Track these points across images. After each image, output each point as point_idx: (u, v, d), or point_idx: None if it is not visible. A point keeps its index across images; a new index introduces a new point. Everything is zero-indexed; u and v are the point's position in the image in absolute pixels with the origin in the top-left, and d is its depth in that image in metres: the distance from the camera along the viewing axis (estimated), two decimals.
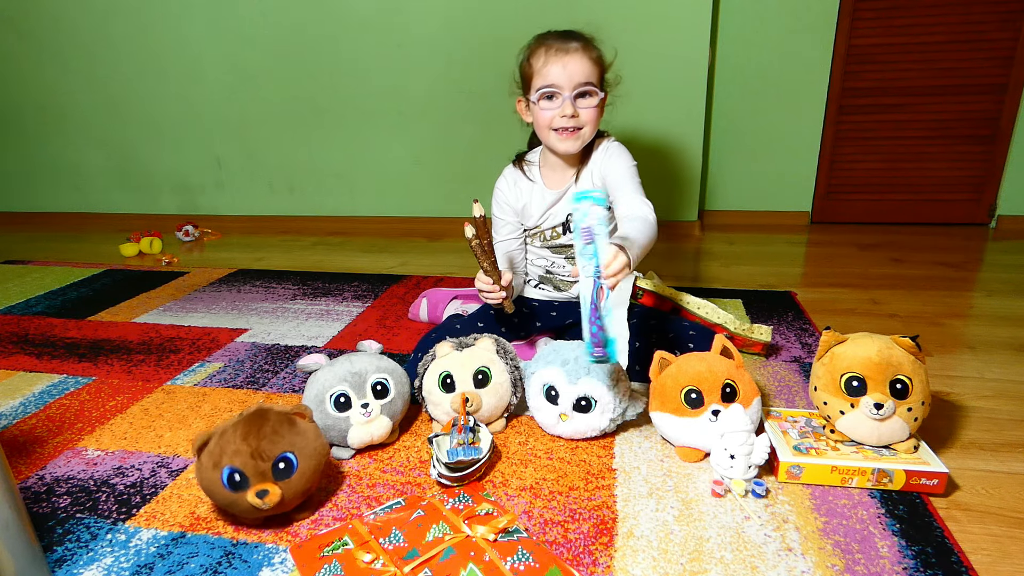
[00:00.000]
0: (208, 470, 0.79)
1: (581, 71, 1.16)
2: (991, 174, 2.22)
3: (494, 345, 1.04)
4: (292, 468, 0.80)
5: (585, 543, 0.79)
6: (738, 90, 2.28)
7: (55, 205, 2.83)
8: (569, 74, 1.15)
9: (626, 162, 1.24)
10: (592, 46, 1.19)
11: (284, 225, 2.63)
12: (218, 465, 0.79)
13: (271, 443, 0.80)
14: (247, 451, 0.79)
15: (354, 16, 2.26)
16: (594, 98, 1.18)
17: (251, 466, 0.78)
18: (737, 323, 1.27)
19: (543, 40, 1.19)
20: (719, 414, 0.91)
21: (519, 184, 1.30)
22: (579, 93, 1.17)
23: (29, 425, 1.12)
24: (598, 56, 1.19)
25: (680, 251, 2.13)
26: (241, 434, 0.80)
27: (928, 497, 0.85)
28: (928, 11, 2.08)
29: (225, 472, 0.78)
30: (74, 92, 2.59)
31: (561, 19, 2.08)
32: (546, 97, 1.18)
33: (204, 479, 0.80)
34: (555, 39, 1.18)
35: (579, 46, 1.16)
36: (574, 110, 1.17)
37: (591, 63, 1.17)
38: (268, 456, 0.79)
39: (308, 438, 0.84)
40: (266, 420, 0.82)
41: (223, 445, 0.79)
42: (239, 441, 0.79)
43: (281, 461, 0.80)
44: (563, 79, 1.15)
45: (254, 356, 1.38)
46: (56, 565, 0.79)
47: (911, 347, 0.88)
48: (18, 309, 1.73)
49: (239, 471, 0.78)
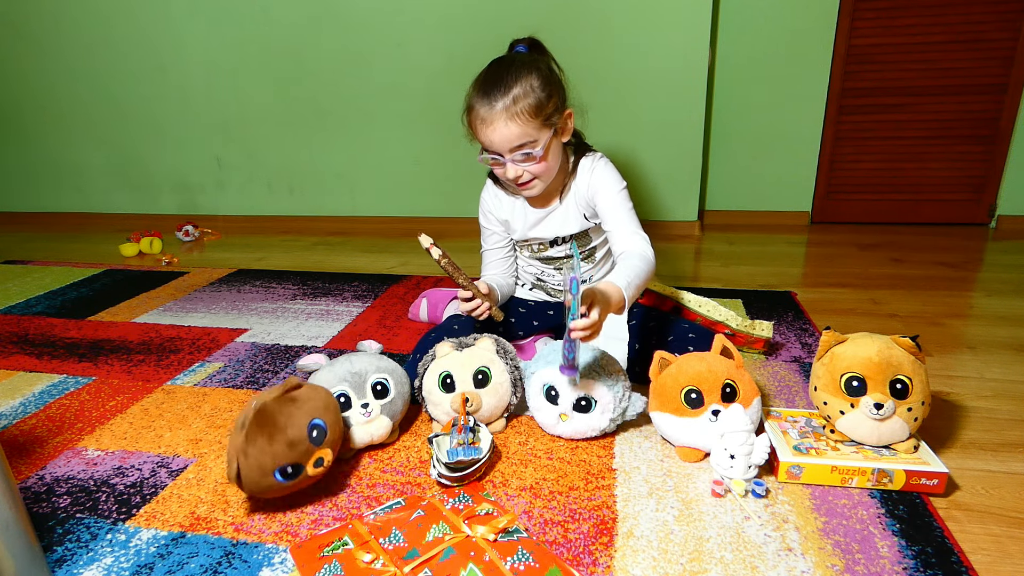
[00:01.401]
0: (259, 481, 0.81)
1: (509, 137, 1.06)
2: (991, 174, 2.22)
3: (494, 345, 1.04)
4: (323, 430, 0.86)
5: (585, 543, 0.79)
6: (738, 90, 2.28)
7: (55, 205, 2.84)
8: (499, 142, 1.07)
9: (615, 186, 1.17)
10: (519, 98, 1.05)
11: (284, 225, 2.63)
12: (266, 473, 0.81)
13: (294, 428, 0.83)
14: (283, 447, 0.82)
15: (354, 16, 2.26)
16: (533, 154, 1.08)
17: (295, 454, 0.82)
18: (738, 320, 1.27)
19: (474, 95, 1.10)
20: (719, 414, 0.91)
21: (500, 198, 1.26)
22: (518, 155, 1.08)
23: (29, 425, 1.12)
24: (530, 107, 1.05)
25: (680, 251, 2.13)
26: (266, 437, 0.81)
27: (928, 497, 0.85)
28: (928, 11, 2.08)
29: (276, 473, 0.81)
30: (74, 92, 2.59)
31: (561, 19, 2.09)
32: (493, 160, 1.12)
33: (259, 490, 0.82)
34: (480, 98, 1.07)
35: (502, 109, 1.05)
36: (516, 172, 1.11)
37: (521, 123, 1.05)
38: (300, 439, 0.83)
39: (314, 400, 0.87)
40: (271, 415, 0.82)
41: (256, 457, 0.80)
42: (272, 445, 0.81)
43: (313, 429, 0.84)
44: (496, 147, 1.08)
45: (254, 356, 1.38)
46: (56, 565, 0.79)
47: (911, 347, 0.88)
48: (18, 309, 1.74)
49: (288, 465, 0.82)
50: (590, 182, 1.18)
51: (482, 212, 1.30)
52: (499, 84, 1.06)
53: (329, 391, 0.91)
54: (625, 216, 1.16)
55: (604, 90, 2.17)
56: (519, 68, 1.08)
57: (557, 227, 1.24)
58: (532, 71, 1.07)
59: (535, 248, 1.29)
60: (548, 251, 1.28)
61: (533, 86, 1.06)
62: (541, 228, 1.24)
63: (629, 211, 1.17)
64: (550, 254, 1.28)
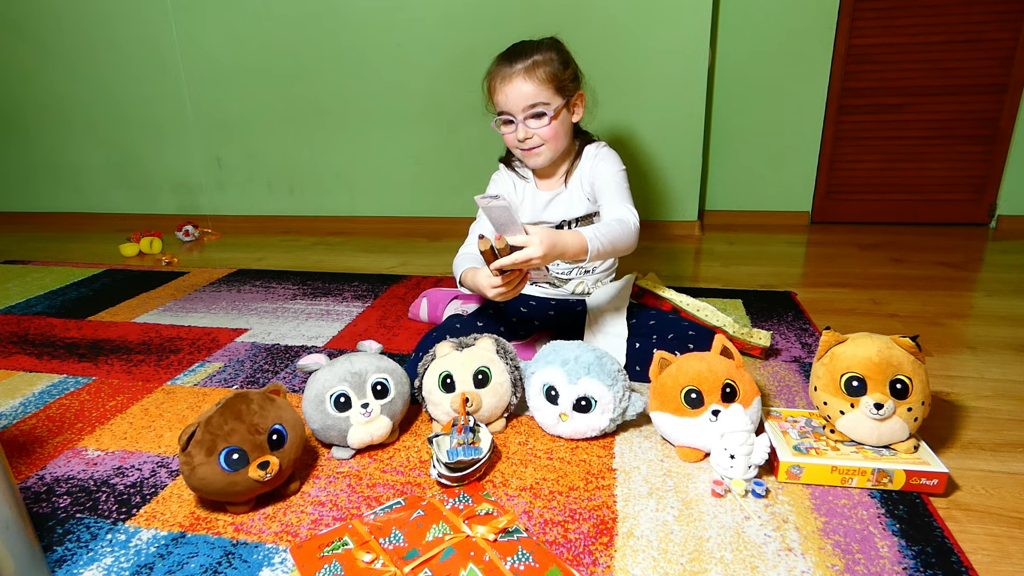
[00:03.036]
0: (201, 459, 0.80)
1: (525, 94, 1.15)
2: (991, 174, 2.22)
3: (494, 345, 1.04)
4: (284, 439, 0.86)
5: (585, 543, 0.79)
6: (738, 90, 2.28)
7: (55, 205, 2.84)
8: (514, 99, 1.16)
9: (614, 167, 1.24)
10: (539, 63, 1.15)
11: (284, 225, 2.63)
12: (213, 450, 0.80)
13: (262, 418, 0.84)
14: (243, 428, 0.82)
15: (354, 15, 2.26)
16: (545, 117, 1.18)
17: (249, 441, 0.82)
18: (736, 326, 1.27)
19: (496, 61, 1.20)
20: (719, 414, 0.91)
21: (514, 182, 1.34)
22: (530, 115, 1.18)
23: (29, 425, 1.12)
24: (548, 73, 1.16)
25: (680, 251, 2.13)
26: (232, 414, 0.82)
27: (928, 497, 0.85)
28: (928, 11, 2.08)
29: (223, 454, 0.80)
30: (75, 92, 2.59)
31: (561, 19, 2.09)
32: (505, 122, 1.21)
33: (198, 471, 0.80)
34: (501, 62, 1.18)
35: (521, 68, 1.15)
36: (526, 133, 1.19)
37: (537, 83, 1.15)
38: (263, 429, 0.84)
39: (289, 411, 0.89)
40: (249, 400, 0.85)
41: (213, 430, 0.81)
42: (233, 421, 0.82)
43: (274, 433, 0.85)
44: (510, 104, 1.17)
45: (254, 356, 1.38)
46: (56, 565, 0.79)
47: (911, 347, 0.88)
48: (18, 309, 1.74)
49: (238, 449, 0.81)
50: (593, 164, 1.26)
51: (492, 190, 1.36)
52: (521, 51, 1.17)
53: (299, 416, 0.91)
54: (617, 192, 1.22)
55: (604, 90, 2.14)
56: (541, 42, 1.20)
57: (564, 210, 1.30)
58: (553, 48, 1.19)
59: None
60: None
61: (552, 57, 1.17)
62: (549, 211, 1.30)
63: (625, 190, 1.23)
64: None
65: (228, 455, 0.81)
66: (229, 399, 0.85)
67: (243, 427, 0.82)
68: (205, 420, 0.82)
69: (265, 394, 0.88)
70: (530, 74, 1.15)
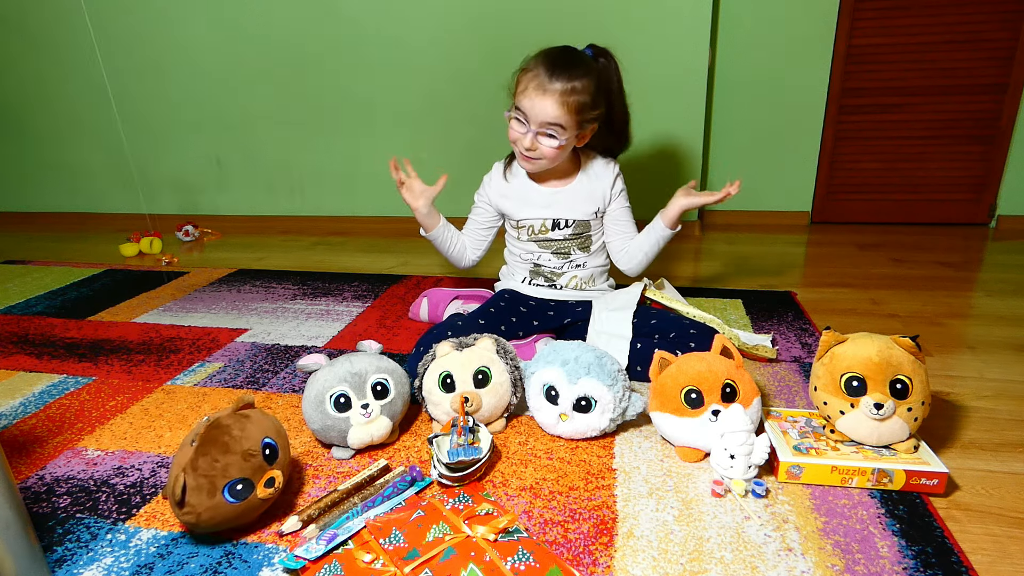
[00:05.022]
0: (205, 505, 0.76)
1: (550, 113, 1.16)
2: (991, 174, 2.22)
3: (494, 345, 1.04)
4: (276, 451, 0.83)
5: (585, 543, 0.79)
6: (738, 90, 2.28)
7: (55, 205, 2.83)
8: (538, 112, 1.17)
9: (627, 202, 1.36)
10: (576, 91, 1.16)
11: (284, 225, 2.63)
12: (214, 491, 0.76)
13: (248, 440, 0.80)
14: (237, 459, 0.78)
15: (354, 15, 2.26)
16: (556, 140, 1.19)
17: (248, 467, 0.78)
18: (740, 340, 1.28)
19: (539, 62, 1.18)
20: (719, 414, 0.91)
21: (507, 178, 1.36)
22: (544, 132, 1.19)
23: (29, 425, 1.12)
24: (578, 103, 1.17)
25: (680, 251, 2.13)
26: (219, 449, 0.78)
27: (928, 497, 0.85)
28: (928, 11, 2.08)
29: (226, 489, 0.77)
30: (74, 92, 2.59)
31: (561, 20, 2.09)
32: (517, 119, 1.21)
33: (204, 516, 0.76)
34: (543, 69, 1.16)
35: (558, 89, 1.15)
36: (532, 143, 1.21)
37: (565, 111, 1.16)
38: (255, 451, 0.80)
39: (267, 419, 0.85)
40: (227, 428, 0.80)
41: (207, 472, 0.76)
42: (223, 456, 0.77)
43: (266, 448, 0.81)
44: (532, 114, 1.18)
45: (254, 356, 1.38)
46: (56, 565, 0.79)
47: (911, 347, 0.88)
48: (18, 309, 1.74)
49: (241, 479, 0.78)
50: (613, 193, 1.33)
51: (481, 190, 1.41)
52: (567, 67, 1.16)
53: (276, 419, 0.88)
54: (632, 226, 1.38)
55: None
56: (587, 66, 1.19)
57: (564, 210, 1.33)
58: (595, 76, 1.19)
59: (536, 229, 1.34)
60: (549, 233, 1.34)
61: (589, 88, 1.17)
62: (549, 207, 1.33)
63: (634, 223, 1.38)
64: (550, 237, 1.34)
65: (232, 488, 0.77)
66: (204, 435, 0.78)
67: (236, 458, 0.78)
68: (189, 464, 0.76)
69: (237, 415, 0.83)
70: (563, 98, 1.15)
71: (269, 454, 0.81)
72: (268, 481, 0.80)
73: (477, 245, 1.44)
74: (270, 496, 0.80)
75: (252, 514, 0.81)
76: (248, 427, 0.81)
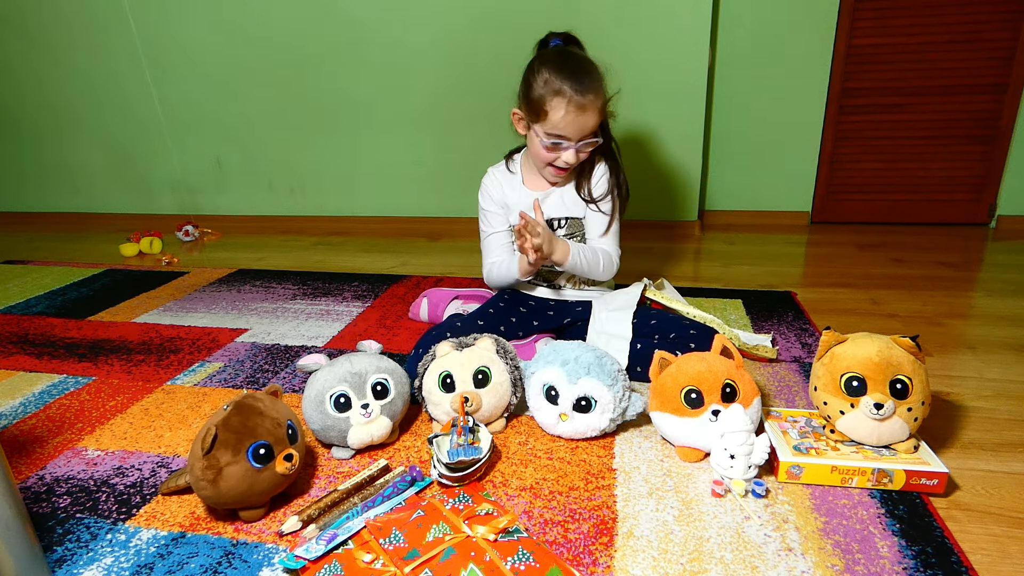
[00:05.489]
0: (228, 459, 0.80)
1: (591, 125, 1.18)
2: (991, 174, 2.21)
3: (494, 345, 1.04)
4: (296, 433, 0.88)
5: (585, 543, 0.79)
6: (738, 90, 2.28)
7: (55, 205, 2.83)
8: (580, 127, 1.18)
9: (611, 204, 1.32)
10: (600, 94, 1.17)
11: (284, 225, 2.63)
12: (240, 448, 0.80)
13: (277, 412, 0.86)
14: (267, 422, 0.83)
15: (354, 15, 2.26)
16: (595, 141, 1.21)
17: (273, 434, 0.83)
18: (740, 340, 1.28)
19: (562, 80, 1.15)
20: (719, 414, 0.91)
21: (504, 181, 1.35)
22: (585, 143, 1.20)
23: (29, 425, 1.12)
24: (602, 105, 1.19)
25: (680, 251, 2.13)
26: (251, 411, 0.83)
27: (928, 497, 0.85)
28: (928, 11, 2.08)
29: (251, 450, 0.81)
30: (74, 92, 2.59)
31: (562, 21, 2.09)
32: (553, 144, 1.20)
33: (225, 472, 0.79)
34: (573, 85, 1.14)
35: (591, 100, 1.16)
36: (576, 158, 1.21)
37: (597, 116, 1.18)
38: (282, 423, 0.85)
39: (289, 408, 0.91)
40: (259, 398, 0.87)
41: (235, 429, 0.81)
42: (254, 416, 0.83)
43: (289, 428, 0.86)
44: (573, 130, 1.18)
45: (254, 356, 1.38)
46: (56, 565, 0.79)
47: (911, 347, 0.88)
48: (18, 309, 1.74)
49: (265, 443, 0.82)
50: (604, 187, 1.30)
51: (484, 195, 1.36)
52: (587, 76, 1.16)
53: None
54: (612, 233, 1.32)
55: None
56: (595, 68, 1.20)
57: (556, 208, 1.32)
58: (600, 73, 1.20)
59: None
60: None
61: (605, 87, 1.19)
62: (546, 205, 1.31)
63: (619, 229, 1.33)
64: None
65: (256, 451, 0.81)
66: (238, 401, 0.85)
67: (266, 420, 0.83)
68: (221, 422, 0.81)
69: (269, 394, 0.90)
70: (597, 108, 1.17)
71: (291, 434, 0.86)
72: (287, 456, 0.83)
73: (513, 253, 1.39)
74: (286, 472, 0.83)
75: (262, 491, 0.82)
76: (278, 404, 0.88)
